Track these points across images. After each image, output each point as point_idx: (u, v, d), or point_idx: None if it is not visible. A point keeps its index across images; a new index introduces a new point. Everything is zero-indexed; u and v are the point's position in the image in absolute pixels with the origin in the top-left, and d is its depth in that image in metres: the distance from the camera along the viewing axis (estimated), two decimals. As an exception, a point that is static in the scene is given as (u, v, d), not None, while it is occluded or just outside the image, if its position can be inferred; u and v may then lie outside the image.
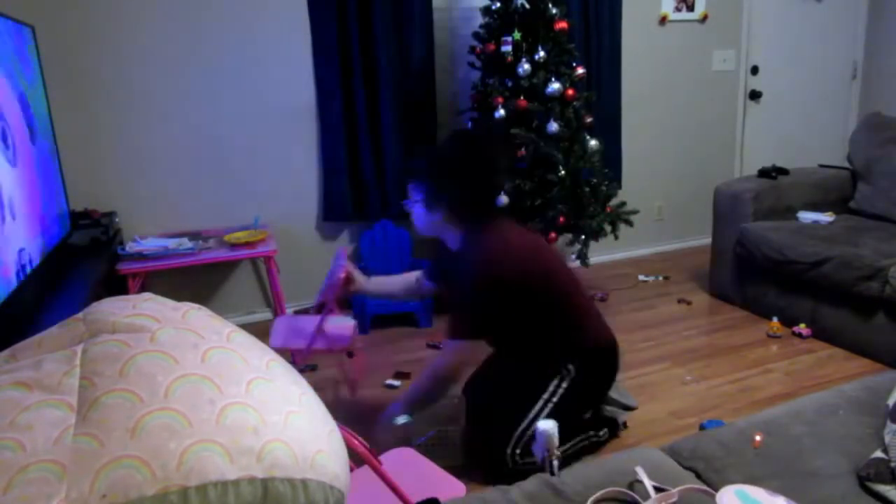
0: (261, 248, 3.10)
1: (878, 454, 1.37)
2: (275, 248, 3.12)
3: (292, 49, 3.54)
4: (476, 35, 3.52)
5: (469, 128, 3.16)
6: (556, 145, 3.30)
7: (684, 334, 3.30)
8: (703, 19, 4.46)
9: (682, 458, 1.51)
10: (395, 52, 3.66)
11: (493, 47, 3.39)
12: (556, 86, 3.27)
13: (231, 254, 3.08)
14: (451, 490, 1.65)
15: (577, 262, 3.55)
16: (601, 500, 1.31)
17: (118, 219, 3.34)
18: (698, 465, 1.47)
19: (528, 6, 3.32)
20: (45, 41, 3.08)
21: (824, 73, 4.95)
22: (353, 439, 1.09)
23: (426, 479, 1.70)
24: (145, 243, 3.09)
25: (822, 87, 4.98)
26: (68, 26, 3.14)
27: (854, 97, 5.08)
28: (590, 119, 3.49)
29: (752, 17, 4.62)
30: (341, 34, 3.54)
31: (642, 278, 4.15)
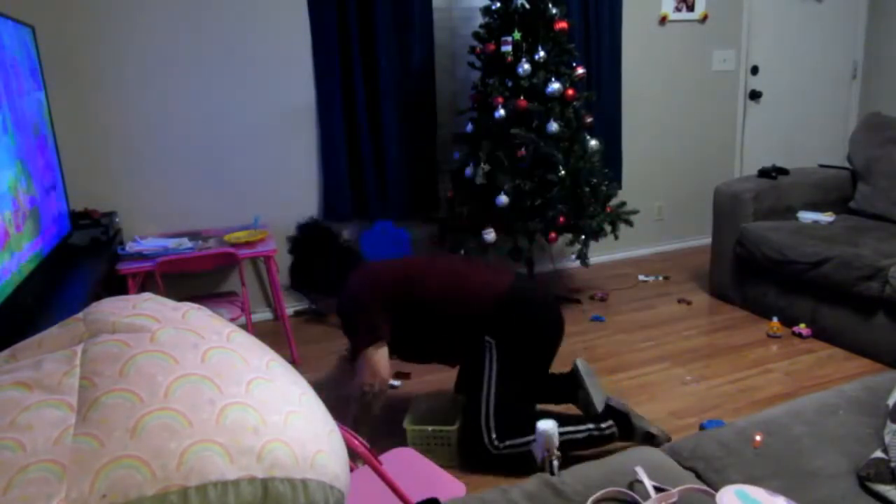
0: (261, 247, 3.10)
1: (878, 454, 1.37)
2: (275, 247, 3.12)
3: (292, 49, 3.54)
4: (476, 35, 3.52)
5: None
6: (556, 145, 3.30)
7: (684, 334, 3.30)
8: (703, 19, 4.46)
9: (682, 458, 1.51)
10: (396, 52, 3.66)
11: (493, 47, 3.39)
12: (556, 86, 3.27)
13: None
14: (451, 490, 1.65)
15: (578, 262, 3.55)
16: (601, 500, 1.31)
17: (118, 219, 3.34)
18: (698, 465, 1.47)
19: (528, 6, 3.32)
20: (45, 41, 3.08)
21: (824, 73, 4.95)
22: (353, 439, 1.10)
23: (426, 479, 1.70)
24: (145, 243, 3.09)
25: (822, 87, 4.98)
26: (68, 26, 3.14)
27: (854, 97, 5.08)
28: (590, 119, 3.49)
29: (752, 17, 4.62)
30: (341, 34, 3.54)
31: (642, 278, 4.15)
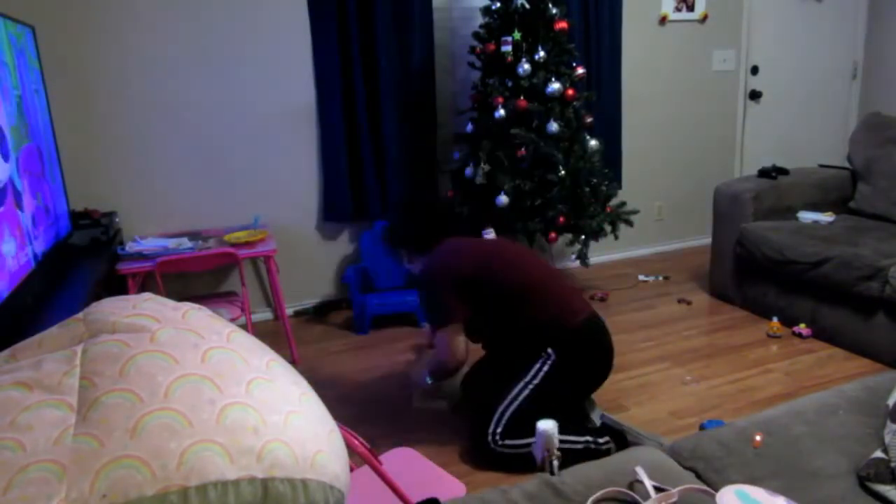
0: (261, 247, 3.10)
1: (878, 454, 1.37)
2: (275, 247, 3.12)
3: (292, 49, 3.54)
4: (476, 35, 3.52)
5: (403, 200, 3.57)
6: (556, 145, 3.30)
7: (684, 334, 3.30)
8: (703, 19, 4.46)
9: (682, 458, 1.51)
10: (396, 52, 3.66)
11: (493, 47, 3.39)
12: (556, 86, 3.27)
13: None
14: (451, 490, 1.66)
15: (577, 262, 3.55)
16: (601, 500, 1.31)
17: (118, 219, 3.34)
18: (698, 465, 1.47)
19: (528, 6, 3.32)
20: (45, 41, 3.08)
21: (824, 73, 4.95)
22: (353, 439, 1.10)
23: (426, 479, 1.71)
24: (145, 243, 3.09)
25: (822, 87, 4.98)
26: (68, 26, 3.14)
27: (854, 97, 5.08)
28: (590, 119, 3.49)
29: (752, 17, 4.62)
30: (341, 34, 3.54)
31: (642, 278, 4.15)
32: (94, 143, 3.29)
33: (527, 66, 3.27)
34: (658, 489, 1.31)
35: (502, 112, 3.29)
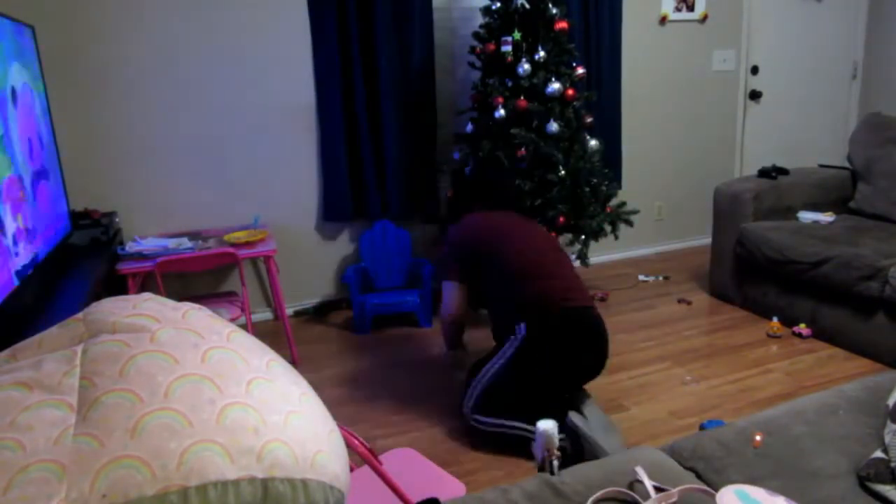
0: (261, 247, 3.10)
1: (878, 454, 1.37)
2: (275, 247, 3.12)
3: (292, 49, 3.54)
4: (476, 35, 3.52)
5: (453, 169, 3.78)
6: (556, 145, 3.30)
7: (684, 334, 3.30)
8: (703, 19, 4.46)
9: (682, 458, 1.51)
10: (395, 51, 3.66)
11: (493, 47, 3.39)
12: (556, 86, 3.27)
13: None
14: (451, 490, 1.66)
15: (578, 262, 3.55)
16: (601, 500, 1.31)
17: (118, 219, 3.34)
18: (698, 465, 1.47)
19: (528, 6, 3.32)
20: (45, 41, 3.09)
21: (824, 73, 4.95)
22: (353, 439, 1.09)
23: (426, 479, 1.71)
24: (145, 243, 3.09)
25: (822, 87, 4.98)
26: (68, 26, 3.14)
27: (854, 97, 5.08)
28: (590, 119, 3.49)
29: (752, 17, 4.62)
30: (341, 34, 3.54)
31: (642, 278, 4.15)
32: (94, 143, 3.29)
33: (527, 66, 3.27)
34: (658, 489, 1.31)
35: (502, 112, 3.29)
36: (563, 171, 3.29)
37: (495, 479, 2.19)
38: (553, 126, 3.26)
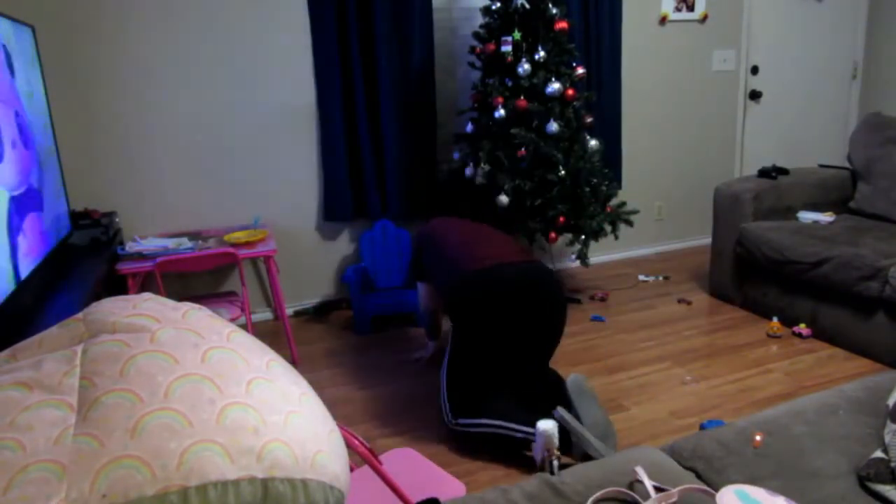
0: (261, 248, 3.10)
1: (878, 454, 1.37)
2: (275, 248, 3.12)
3: (292, 49, 3.54)
4: (476, 35, 3.52)
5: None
6: (556, 145, 3.30)
7: (684, 334, 3.30)
8: (703, 19, 4.46)
9: (682, 458, 1.51)
10: (396, 51, 3.66)
11: (493, 47, 3.39)
12: (556, 86, 3.27)
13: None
14: (451, 490, 1.66)
15: (578, 262, 3.55)
16: (601, 500, 1.31)
17: (118, 219, 3.34)
18: (698, 465, 1.47)
19: (528, 6, 3.32)
20: (45, 41, 3.08)
21: (824, 73, 4.95)
22: (353, 439, 1.09)
23: (426, 479, 1.71)
24: (145, 243, 3.09)
25: (822, 87, 4.98)
26: (68, 26, 3.14)
27: (854, 97, 5.08)
28: (590, 119, 3.49)
29: (752, 17, 4.62)
30: (341, 34, 3.54)
31: (642, 278, 4.15)
32: (94, 143, 3.29)
33: (527, 66, 3.27)
34: (658, 489, 1.31)
35: (502, 112, 3.29)
36: (563, 171, 3.29)
37: (495, 479, 2.19)
38: (553, 126, 3.26)
